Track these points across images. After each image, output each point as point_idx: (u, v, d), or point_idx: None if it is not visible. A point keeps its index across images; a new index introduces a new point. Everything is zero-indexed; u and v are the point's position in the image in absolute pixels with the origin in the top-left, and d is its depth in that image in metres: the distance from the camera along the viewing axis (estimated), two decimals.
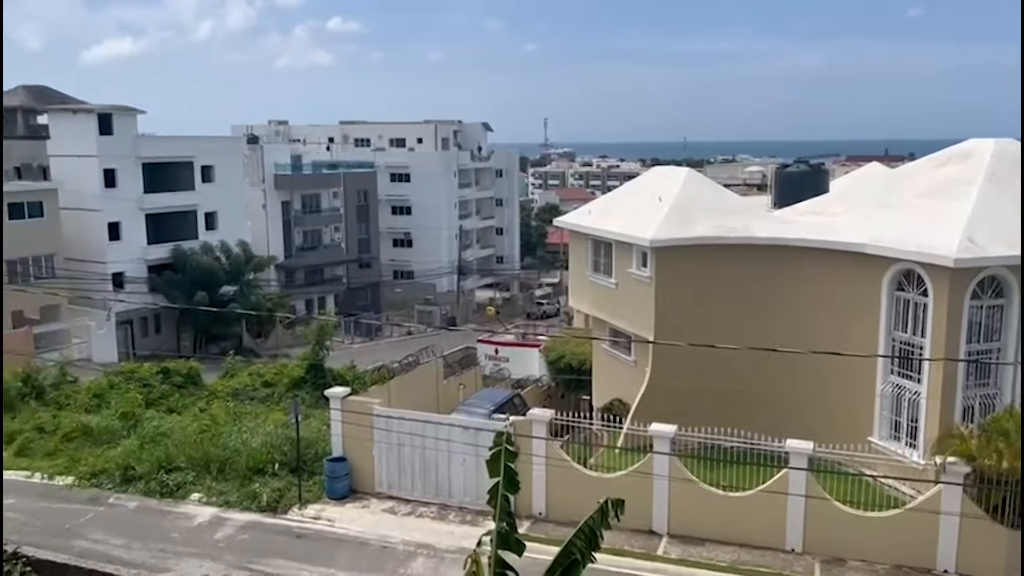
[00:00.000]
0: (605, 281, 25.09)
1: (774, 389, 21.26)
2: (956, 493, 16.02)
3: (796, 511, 17.08)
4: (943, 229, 19.06)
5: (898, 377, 20.11)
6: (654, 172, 28.19)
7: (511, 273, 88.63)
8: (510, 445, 7.96)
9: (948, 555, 16.30)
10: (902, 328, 19.89)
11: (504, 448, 7.94)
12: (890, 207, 21.29)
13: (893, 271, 19.81)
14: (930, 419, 18.87)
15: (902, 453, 19.51)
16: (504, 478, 7.87)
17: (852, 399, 20.77)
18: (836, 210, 22.64)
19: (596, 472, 19.07)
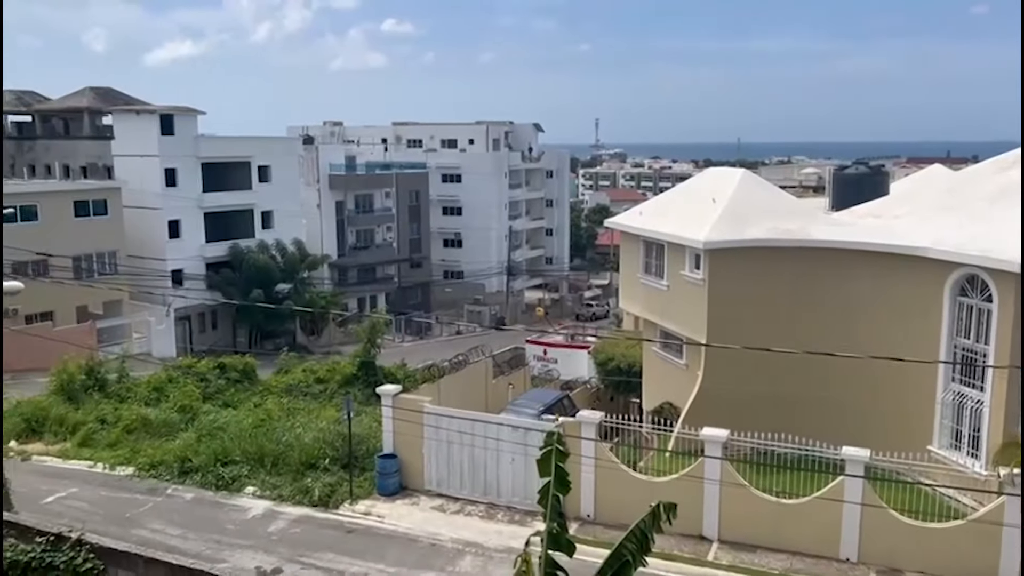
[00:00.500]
0: (657, 283, 24.89)
1: (828, 395, 20.86)
2: (1019, 504, 15.48)
3: (851, 520, 16.70)
4: (1008, 233, 18.42)
5: (960, 385, 19.53)
6: (708, 173, 27.87)
7: (560, 274, 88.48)
8: (561, 445, 7.95)
9: (1011, 568, 15.75)
10: (964, 334, 19.32)
11: (555, 448, 7.93)
12: (953, 210, 20.70)
13: (956, 276, 19.26)
14: (993, 428, 18.30)
15: (963, 463, 18.95)
16: (555, 478, 7.86)
17: (910, 406, 20.25)
18: (896, 213, 22.10)
19: (646, 475, 18.92)
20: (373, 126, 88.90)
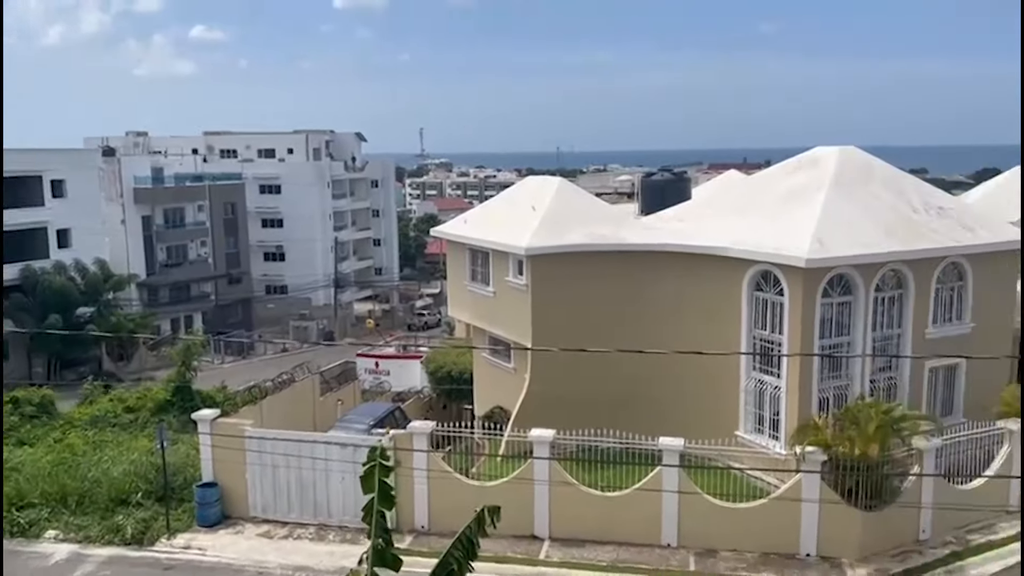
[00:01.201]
0: (483, 290, 25.21)
1: (650, 389, 21.94)
2: (814, 480, 17.04)
3: (670, 507, 17.68)
4: (795, 232, 20.27)
5: (760, 373, 21.19)
6: (528, 182, 28.58)
7: (390, 285, 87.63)
8: (384, 460, 7.82)
9: (810, 539, 17.31)
10: (762, 326, 20.99)
11: (379, 463, 7.80)
12: (747, 212, 22.45)
13: (752, 272, 20.88)
14: (790, 411, 19.97)
15: (766, 445, 20.55)
16: (379, 494, 7.72)
17: (721, 396, 21.70)
18: (698, 216, 23.67)
19: (478, 481, 19.09)
20: (183, 136, 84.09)
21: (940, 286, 21.68)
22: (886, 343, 21.35)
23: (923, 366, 21.46)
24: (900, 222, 21.43)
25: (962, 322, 22.10)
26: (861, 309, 20.46)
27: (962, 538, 17.90)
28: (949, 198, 25.16)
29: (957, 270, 21.96)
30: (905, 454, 17.87)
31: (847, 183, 21.90)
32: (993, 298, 22.35)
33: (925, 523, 17.89)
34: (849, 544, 17.12)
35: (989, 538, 17.92)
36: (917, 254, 20.75)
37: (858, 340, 20.61)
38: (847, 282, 20.40)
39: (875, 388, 20.83)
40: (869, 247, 20.21)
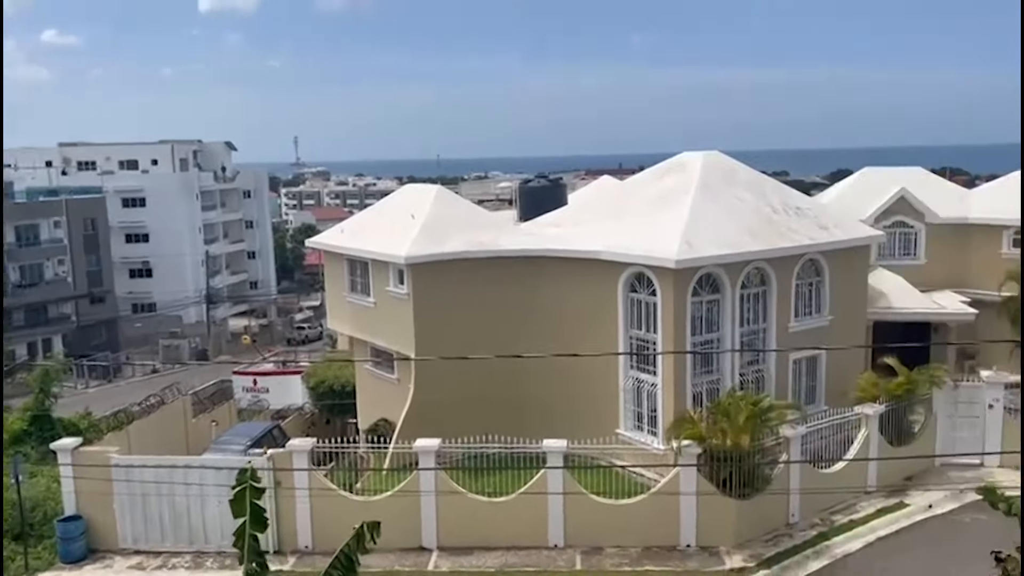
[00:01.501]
0: (363, 300, 24.83)
1: (535, 393, 22.21)
2: (691, 473, 17.67)
3: (556, 508, 17.91)
4: (665, 235, 21.01)
5: (637, 372, 21.81)
6: (406, 190, 28.44)
7: (268, 298, 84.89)
8: (255, 481, 7.54)
9: (689, 530, 17.93)
10: (637, 326, 21.63)
11: (249, 485, 7.51)
12: (620, 216, 23.11)
13: (626, 275, 21.49)
14: (666, 408, 20.64)
15: (645, 441, 21.17)
16: (251, 517, 7.44)
17: (602, 395, 22.19)
18: (575, 221, 24.17)
19: (363, 497, 18.74)
20: (35, 148, 78.66)
21: (800, 282, 22.98)
22: (753, 337, 22.43)
23: (787, 358, 22.68)
24: (762, 223, 22.59)
25: (821, 315, 23.50)
26: (729, 306, 21.41)
27: (828, 519, 19.00)
28: (806, 199, 26.74)
29: (815, 266, 23.35)
30: (774, 442, 18.81)
31: (712, 186, 22.90)
32: (848, 292, 23.92)
33: (794, 507, 18.89)
34: (726, 532, 17.86)
35: (851, 517, 19.10)
36: (778, 252, 21.93)
37: (727, 336, 21.56)
38: (715, 281, 21.31)
39: (744, 381, 21.84)
40: (734, 247, 21.19)
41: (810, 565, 17.06)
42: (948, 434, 21.77)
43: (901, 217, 29.61)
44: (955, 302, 27.60)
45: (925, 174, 33.09)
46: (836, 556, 17.44)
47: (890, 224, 29.35)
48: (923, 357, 24.65)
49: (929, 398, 21.71)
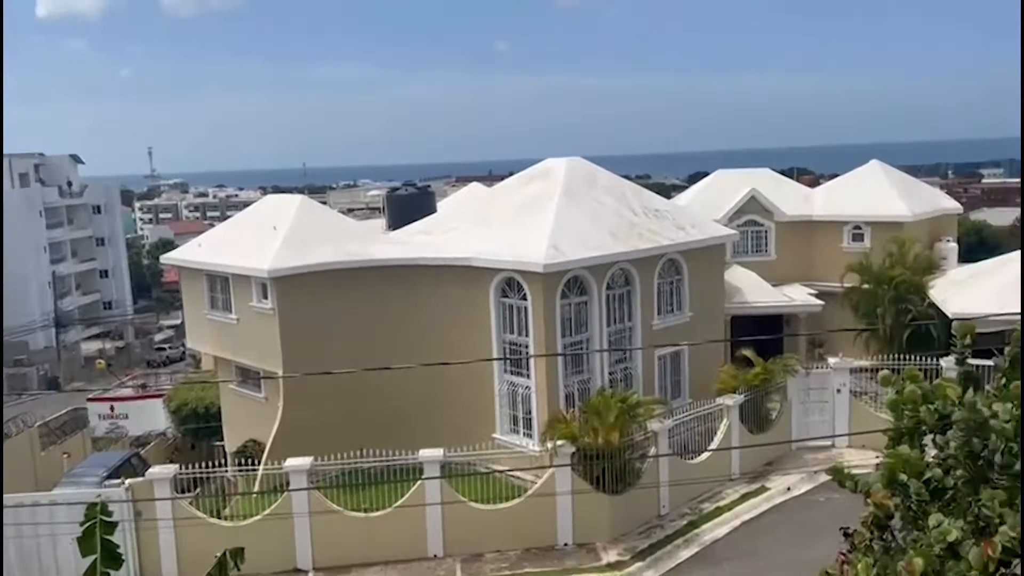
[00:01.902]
0: (225, 317, 23.83)
1: (411, 403, 21.98)
2: (566, 473, 17.99)
3: (434, 518, 17.80)
4: (533, 240, 21.34)
5: (511, 376, 22.03)
6: (267, 201, 27.57)
7: (124, 319, 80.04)
8: (106, 514, 7.02)
9: (566, 529, 18.24)
10: (510, 330, 21.83)
11: (99, 520, 6.99)
12: (489, 223, 23.28)
13: (497, 280, 21.66)
14: (541, 409, 20.94)
15: (521, 444, 21.36)
16: (102, 554, 6.91)
17: (478, 401, 22.24)
18: (444, 228, 24.15)
19: (232, 522, 17.98)
20: None
21: (661, 281, 23.88)
22: (620, 336, 23.11)
23: (653, 355, 23.50)
24: (623, 225, 23.32)
25: (682, 312, 24.50)
26: (596, 307, 21.97)
27: (696, 508, 19.80)
28: (664, 201, 27.82)
29: (675, 266, 24.32)
30: (643, 437, 19.43)
31: (575, 191, 23.46)
32: (706, 289, 25.05)
33: (664, 499, 19.57)
34: (601, 528, 18.27)
35: (718, 504, 19.99)
36: (640, 253, 22.71)
37: (596, 336, 22.11)
38: (582, 283, 21.82)
39: (614, 379, 22.45)
40: (599, 250, 21.78)
41: (681, 554, 17.72)
42: (802, 419, 23.18)
43: (752, 216, 31.35)
44: (803, 294, 29.47)
45: (773, 175, 35.19)
46: (705, 543, 18.20)
47: (743, 223, 31.02)
48: (777, 348, 26.14)
49: (784, 386, 23.04)
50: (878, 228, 30.06)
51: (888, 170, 33.33)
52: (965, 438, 10.14)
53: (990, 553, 9.57)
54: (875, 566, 10.66)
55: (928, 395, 10.62)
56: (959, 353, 11.58)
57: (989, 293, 23.63)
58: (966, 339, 11.69)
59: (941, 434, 10.57)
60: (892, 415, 10.99)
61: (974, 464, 10.21)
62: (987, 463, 10.09)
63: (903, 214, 29.96)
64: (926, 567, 10.03)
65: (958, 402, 10.36)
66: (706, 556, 17.66)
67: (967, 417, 10.06)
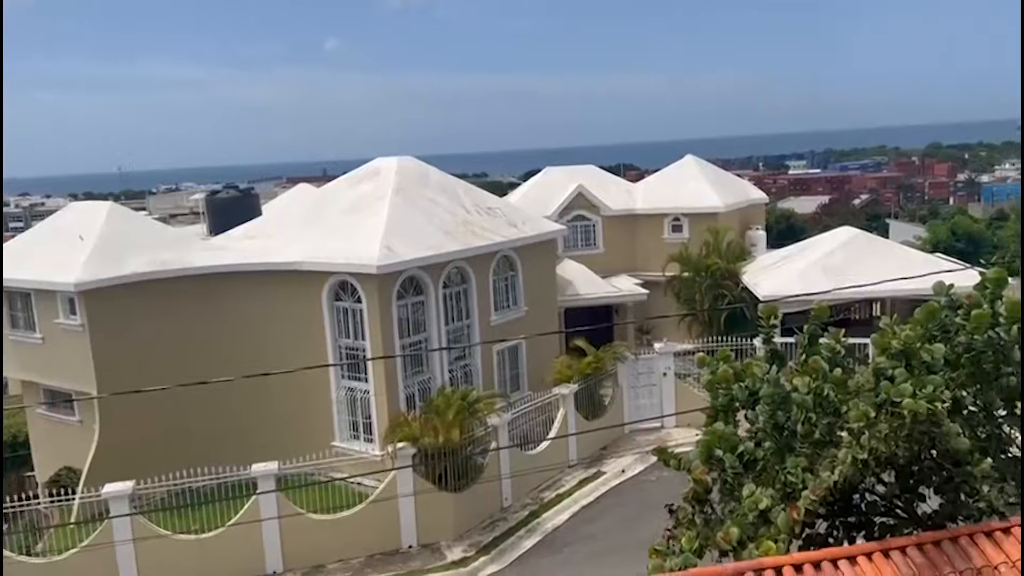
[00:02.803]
0: (29, 337, 21.84)
1: (243, 417, 21.08)
2: (408, 474, 17.87)
3: (271, 534, 17.15)
4: (365, 241, 21.01)
5: (349, 381, 21.59)
6: (72, 208, 25.43)
7: None
8: None
9: (410, 531, 18.12)
10: (346, 335, 21.39)
11: None
12: (318, 225, 22.69)
13: (330, 284, 21.15)
14: (380, 413, 20.66)
15: (362, 450, 21.01)
16: None
17: (315, 410, 21.62)
18: (270, 232, 23.29)
19: (45, 559, 16.51)
20: None
21: (496, 277, 24.24)
22: (459, 334, 23.23)
23: (491, 351, 23.81)
24: (457, 224, 23.45)
25: (518, 307, 24.99)
26: (433, 306, 21.96)
27: (537, 497, 20.26)
28: (496, 199, 28.22)
29: (509, 262, 24.75)
30: (483, 432, 19.63)
31: (407, 191, 23.33)
32: (540, 283, 25.69)
33: (507, 491, 19.88)
34: (445, 527, 18.30)
35: (557, 492, 20.55)
36: (474, 251, 22.92)
37: (434, 335, 22.11)
38: (418, 283, 21.73)
39: (454, 377, 22.54)
40: (433, 249, 21.77)
41: (524, 544, 18.07)
42: (633, 403, 24.26)
43: (580, 211, 32.44)
44: (630, 285, 30.87)
45: (598, 171, 36.54)
46: (547, 531, 18.66)
47: (572, 218, 32.05)
48: (608, 336, 27.28)
49: (615, 372, 24.02)
50: (695, 219, 31.95)
51: (702, 164, 35.49)
52: (771, 412, 10.95)
53: (795, 516, 10.35)
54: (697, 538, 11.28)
55: (739, 374, 11.38)
56: (765, 333, 12.45)
57: (794, 275, 25.71)
58: (771, 319, 12.60)
59: (751, 409, 11.36)
60: (709, 394, 11.70)
61: (780, 435, 11.04)
62: (791, 433, 10.93)
63: (716, 205, 32.01)
64: (741, 535, 10.71)
65: (763, 379, 11.16)
66: (548, 544, 18.11)
67: (772, 392, 10.85)
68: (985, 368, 10.40)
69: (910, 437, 9.16)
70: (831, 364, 10.27)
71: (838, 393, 9.88)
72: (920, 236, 56.49)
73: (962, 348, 10.34)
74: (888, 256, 25.65)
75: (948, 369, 10.26)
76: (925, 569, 8.57)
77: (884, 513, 10.48)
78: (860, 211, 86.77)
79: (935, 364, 9.99)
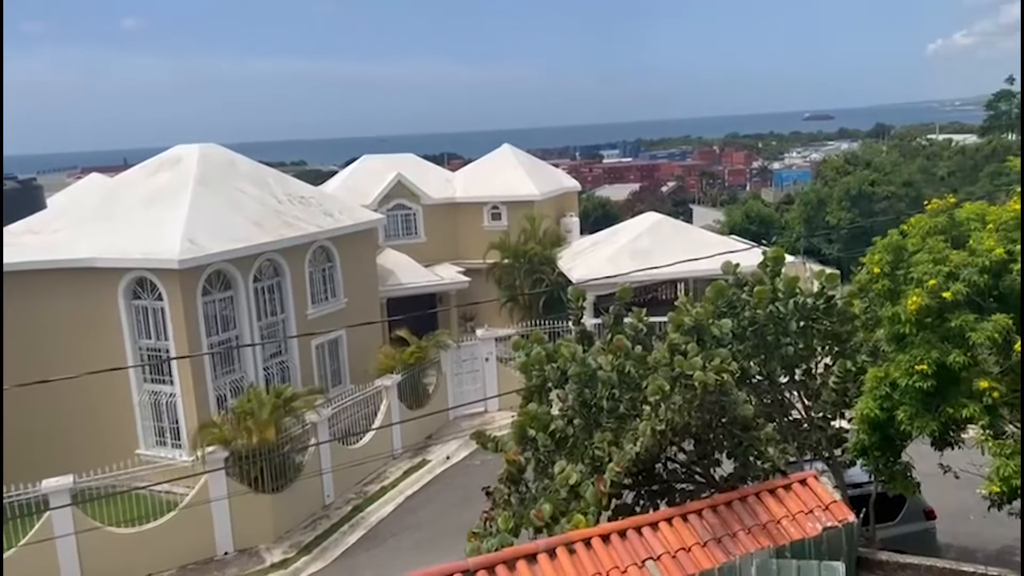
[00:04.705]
0: None
1: (31, 428, 19.25)
2: (220, 478, 16.97)
3: (67, 553, 15.72)
4: (165, 233, 19.67)
5: (152, 384, 20.18)
6: None
7: None
8: None
9: (225, 537, 17.23)
10: (146, 335, 19.95)
11: None
12: (112, 218, 20.98)
13: (126, 281, 19.63)
14: (189, 416, 19.48)
15: (170, 456, 19.73)
16: None
17: (114, 416, 20.06)
18: (56, 226, 21.28)
19: None
20: None
21: (313, 269, 23.51)
22: (273, 329, 22.34)
23: (309, 344, 23.10)
24: (268, 214, 22.49)
25: (337, 299, 24.39)
26: (244, 301, 20.95)
27: (361, 491, 19.91)
28: (310, 188, 27.33)
29: (326, 253, 24.07)
30: (301, 430, 19.01)
31: (212, 180, 22.09)
32: (359, 273, 25.20)
33: (328, 488, 19.37)
34: (264, 530, 17.56)
35: (382, 484, 20.29)
36: (287, 243, 22.09)
37: (246, 331, 21.11)
38: (226, 277, 20.65)
39: (270, 374, 21.67)
40: (241, 241, 20.75)
41: (347, 540, 17.70)
42: (457, 389, 24.40)
43: (400, 200, 32.17)
44: (452, 272, 31.02)
45: (417, 160, 36.38)
46: (371, 524, 18.38)
47: (392, 207, 31.71)
48: (432, 325, 27.27)
49: (438, 361, 24.04)
50: (513, 207, 32.58)
51: (518, 153, 36.22)
52: (579, 390, 11.33)
53: (602, 489, 10.76)
54: (513, 517, 11.46)
55: (551, 355, 11.67)
56: (575, 315, 12.80)
57: (604, 260, 26.83)
58: (579, 302, 12.99)
59: (562, 388, 11.69)
60: (524, 376, 11.89)
61: (588, 412, 11.44)
62: (598, 409, 11.35)
63: (533, 193, 32.80)
64: (553, 511, 10.99)
65: (572, 358, 11.51)
66: (372, 537, 17.85)
67: (579, 371, 11.23)
68: (767, 339, 11.34)
69: (702, 407, 9.81)
70: (634, 342, 10.80)
71: (639, 369, 10.41)
72: (720, 220, 60.76)
73: (747, 322, 11.21)
74: (689, 239, 27.35)
75: (735, 342, 11.10)
76: (719, 529, 9.23)
77: (684, 479, 11.18)
78: (668, 197, 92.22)
79: (723, 338, 10.76)
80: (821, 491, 9.68)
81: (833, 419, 11.80)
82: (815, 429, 11.79)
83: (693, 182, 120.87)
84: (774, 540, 9.04)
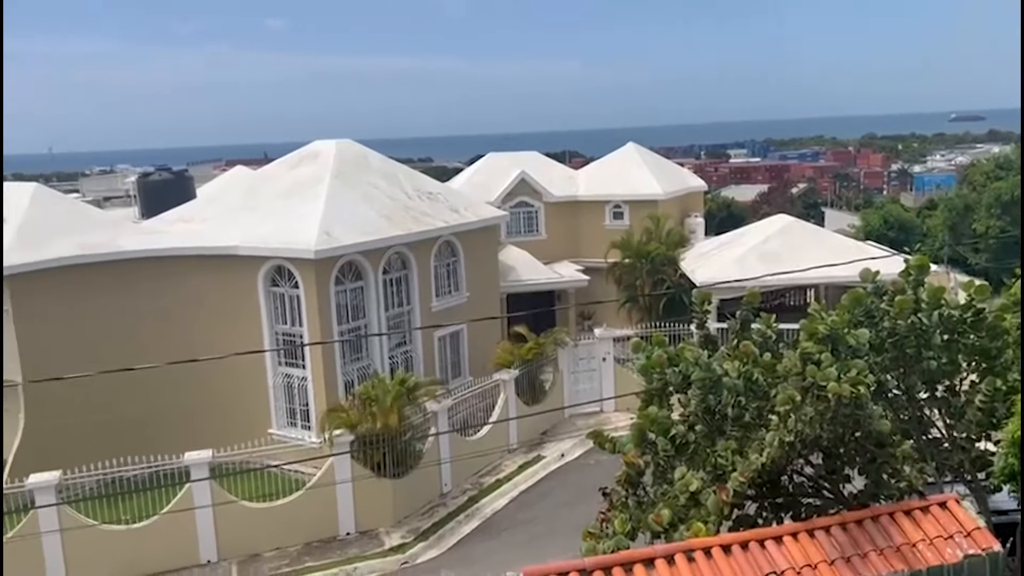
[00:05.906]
0: None
1: (176, 404, 20.59)
2: (345, 461, 17.69)
3: (205, 522, 16.82)
4: (303, 225, 20.64)
5: (286, 367, 21.25)
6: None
7: None
8: None
9: (348, 518, 17.96)
10: (282, 321, 21.02)
11: None
12: (255, 209, 22.20)
13: (265, 269, 20.74)
14: (318, 399, 20.40)
15: (299, 437, 20.72)
16: None
17: (251, 396, 21.23)
18: (205, 216, 22.72)
19: None
20: None
21: (438, 263, 24.10)
22: (399, 320, 23.06)
23: (432, 336, 23.69)
24: (397, 208, 23.21)
25: (460, 293, 24.90)
26: (373, 292, 21.72)
27: (477, 482, 20.27)
28: (438, 184, 28.00)
29: (450, 248, 24.62)
30: (422, 419, 19.54)
31: (346, 175, 22.98)
32: (481, 269, 25.62)
33: (446, 477, 19.85)
34: (384, 513, 18.19)
35: (497, 477, 20.60)
36: (415, 237, 22.72)
37: (374, 321, 21.88)
38: (357, 268, 21.46)
39: (394, 363, 22.37)
40: (373, 234, 21.51)
41: (463, 529, 18.09)
42: (573, 387, 24.44)
43: (523, 197, 32.44)
44: (572, 271, 31.04)
45: (541, 158, 36.58)
46: (486, 516, 18.70)
47: (515, 204, 32.03)
48: (550, 322, 27.38)
49: (555, 358, 24.14)
50: (635, 206, 32.24)
51: (643, 151, 35.79)
52: (702, 396, 11.09)
53: (724, 498, 10.50)
54: (630, 520, 11.36)
55: (673, 358, 11.49)
56: (699, 318, 12.54)
57: (731, 262, 26.16)
58: (704, 305, 12.71)
59: (684, 393, 11.47)
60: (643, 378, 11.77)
61: (711, 418, 11.19)
62: (722, 416, 11.08)
63: (657, 192, 32.34)
64: (672, 517, 10.82)
65: (696, 363, 11.28)
66: (487, 529, 18.16)
67: (703, 376, 10.99)
68: (908, 352, 10.75)
69: (835, 420, 9.41)
70: (762, 349, 10.47)
71: (767, 377, 10.08)
72: (854, 224, 58.02)
73: (886, 333, 10.66)
74: (822, 243, 26.27)
75: (872, 354, 10.57)
76: (848, 547, 8.83)
77: (811, 494, 10.76)
78: (798, 199, 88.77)
79: (860, 349, 10.27)
80: (963, 516, 9.09)
81: (978, 440, 11.06)
82: (957, 450, 11.09)
83: (825, 184, 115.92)
84: (909, 564, 8.57)
